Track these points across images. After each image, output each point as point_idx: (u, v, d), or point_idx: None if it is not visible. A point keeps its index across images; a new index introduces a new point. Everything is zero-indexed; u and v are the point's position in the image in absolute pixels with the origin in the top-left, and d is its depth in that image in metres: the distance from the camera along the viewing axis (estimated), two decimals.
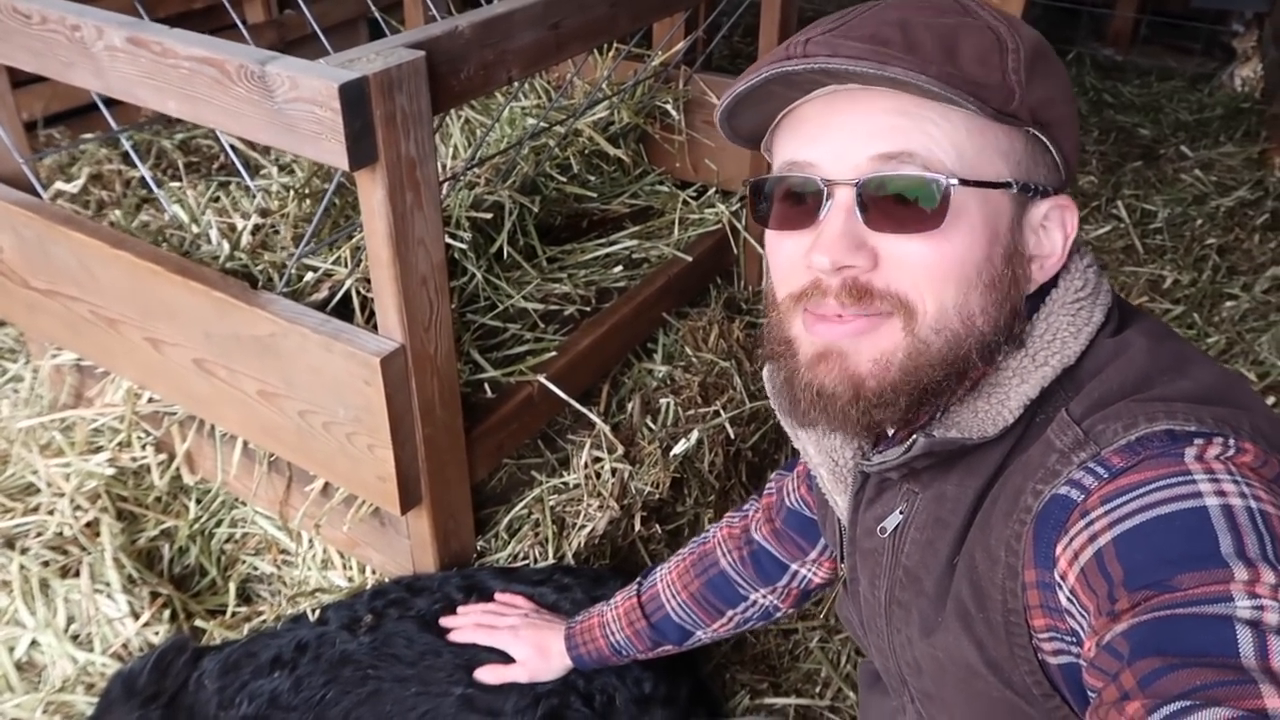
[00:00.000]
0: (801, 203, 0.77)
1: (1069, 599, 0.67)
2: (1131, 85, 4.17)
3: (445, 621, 1.37)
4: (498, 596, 1.42)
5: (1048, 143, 0.76)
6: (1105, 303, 0.79)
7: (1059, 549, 0.68)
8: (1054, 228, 0.79)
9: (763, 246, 2.19)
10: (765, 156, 0.87)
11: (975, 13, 0.76)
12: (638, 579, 1.34)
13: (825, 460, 0.91)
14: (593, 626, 1.31)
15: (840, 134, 0.75)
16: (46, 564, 1.58)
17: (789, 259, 0.79)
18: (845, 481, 0.90)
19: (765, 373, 0.95)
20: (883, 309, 0.74)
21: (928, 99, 0.72)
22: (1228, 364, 2.35)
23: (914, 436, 0.76)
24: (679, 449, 1.74)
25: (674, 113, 2.19)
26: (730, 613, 1.26)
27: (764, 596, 1.25)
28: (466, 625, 1.36)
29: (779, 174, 0.79)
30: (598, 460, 1.68)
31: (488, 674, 1.30)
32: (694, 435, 1.77)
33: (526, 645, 1.31)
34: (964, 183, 0.72)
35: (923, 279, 0.73)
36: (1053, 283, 0.80)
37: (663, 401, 1.81)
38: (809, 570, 1.22)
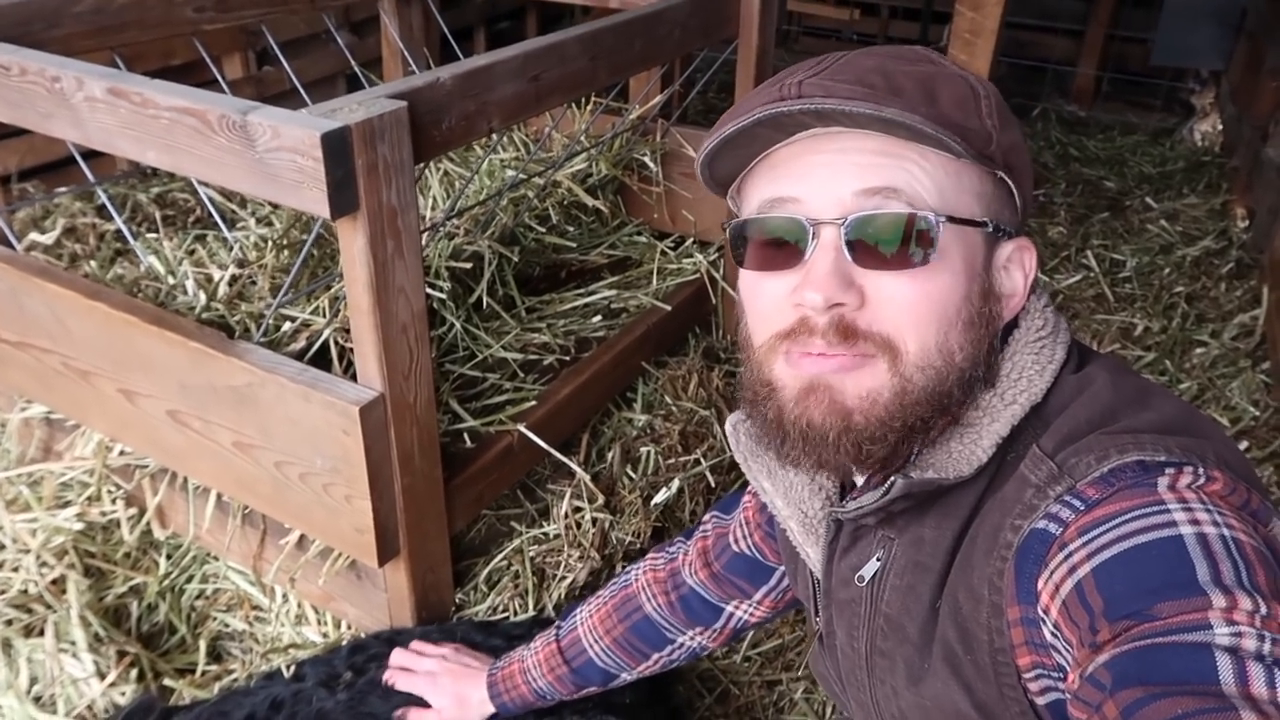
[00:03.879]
0: (785, 243, 0.77)
1: (1053, 633, 0.67)
2: (1096, 139, 4.27)
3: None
4: (413, 645, 1.39)
5: (1012, 186, 0.79)
6: (1065, 340, 0.81)
7: (1040, 583, 0.68)
8: (1015, 268, 0.81)
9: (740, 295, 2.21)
10: (731, 205, 0.87)
11: (941, 63, 0.79)
12: (556, 622, 1.32)
13: (794, 512, 0.90)
14: (513, 674, 1.29)
15: (824, 171, 0.76)
16: (10, 623, 1.53)
17: (771, 299, 0.78)
18: (817, 533, 0.89)
19: (729, 424, 0.94)
20: (867, 350, 0.74)
21: (910, 141, 0.73)
22: (1200, 409, 2.38)
23: (891, 479, 0.76)
24: (660, 498, 1.73)
25: (651, 164, 2.22)
26: (656, 655, 1.25)
27: (692, 638, 1.24)
28: (393, 668, 1.34)
29: (762, 214, 0.79)
30: (578, 510, 1.66)
31: (411, 717, 1.29)
32: (675, 484, 1.76)
33: (444, 695, 1.29)
34: (950, 220, 0.74)
35: (906, 319, 0.74)
36: (1014, 323, 0.82)
37: (643, 450, 1.80)
38: (746, 611, 1.21)
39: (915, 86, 0.74)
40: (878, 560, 0.83)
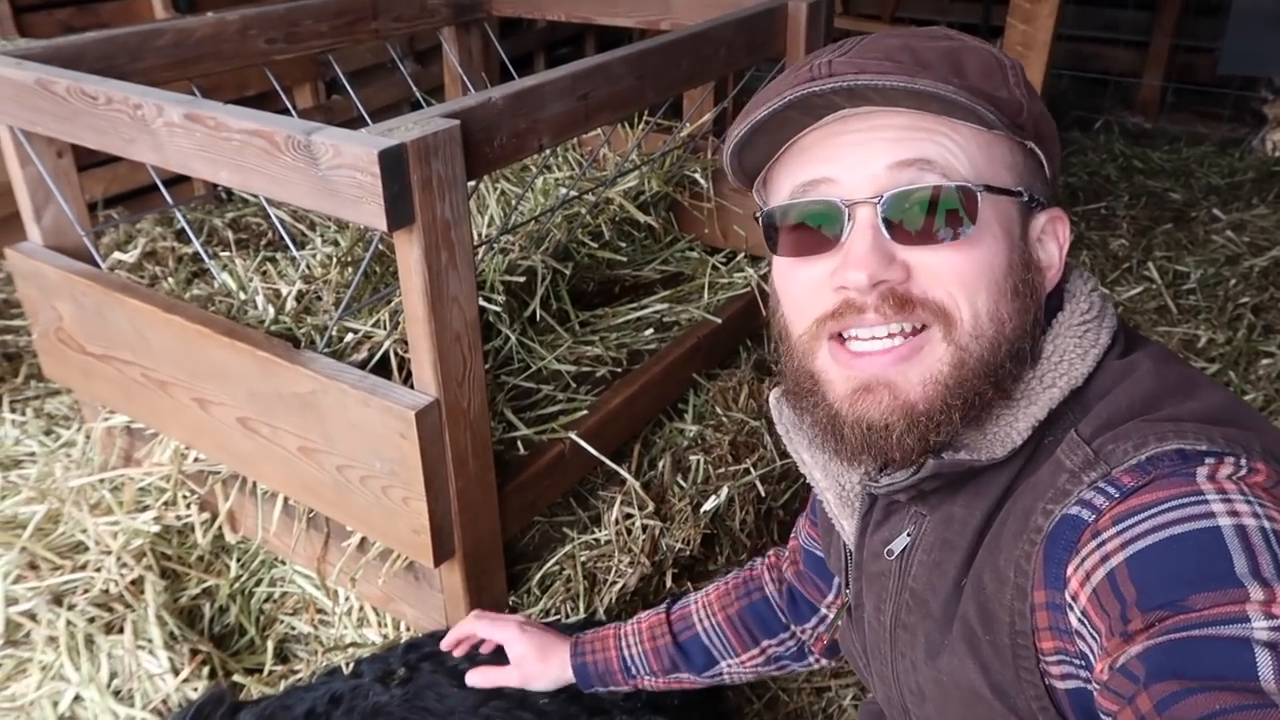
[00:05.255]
0: (820, 226, 0.77)
1: (1080, 620, 0.66)
2: (1161, 151, 4.19)
3: (446, 642, 1.36)
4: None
5: (1042, 157, 0.79)
6: (1111, 325, 0.80)
7: (1070, 570, 0.68)
8: (1049, 240, 0.81)
9: None
10: (756, 198, 0.88)
11: (963, 38, 0.79)
12: (666, 601, 1.30)
13: (832, 485, 0.91)
14: (606, 637, 1.27)
15: (856, 150, 0.76)
16: (92, 620, 1.62)
17: (809, 285, 0.78)
18: (852, 505, 0.91)
19: (773, 397, 0.95)
20: (923, 318, 0.74)
21: (941, 115, 0.74)
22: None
23: (923, 458, 0.76)
24: (709, 506, 1.76)
25: (702, 181, 2.26)
26: (765, 643, 1.22)
27: (800, 633, 1.22)
28: (466, 620, 1.33)
29: (794, 198, 0.79)
30: (629, 517, 1.69)
31: (475, 676, 1.27)
32: (724, 492, 1.78)
33: (526, 644, 1.26)
34: (987, 189, 0.74)
35: (956, 286, 0.74)
36: (1059, 306, 0.81)
37: (693, 459, 1.83)
38: (831, 613, 1.20)
39: (941, 60, 0.74)
40: (908, 535, 0.84)
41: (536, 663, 1.26)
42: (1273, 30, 4.20)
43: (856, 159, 0.75)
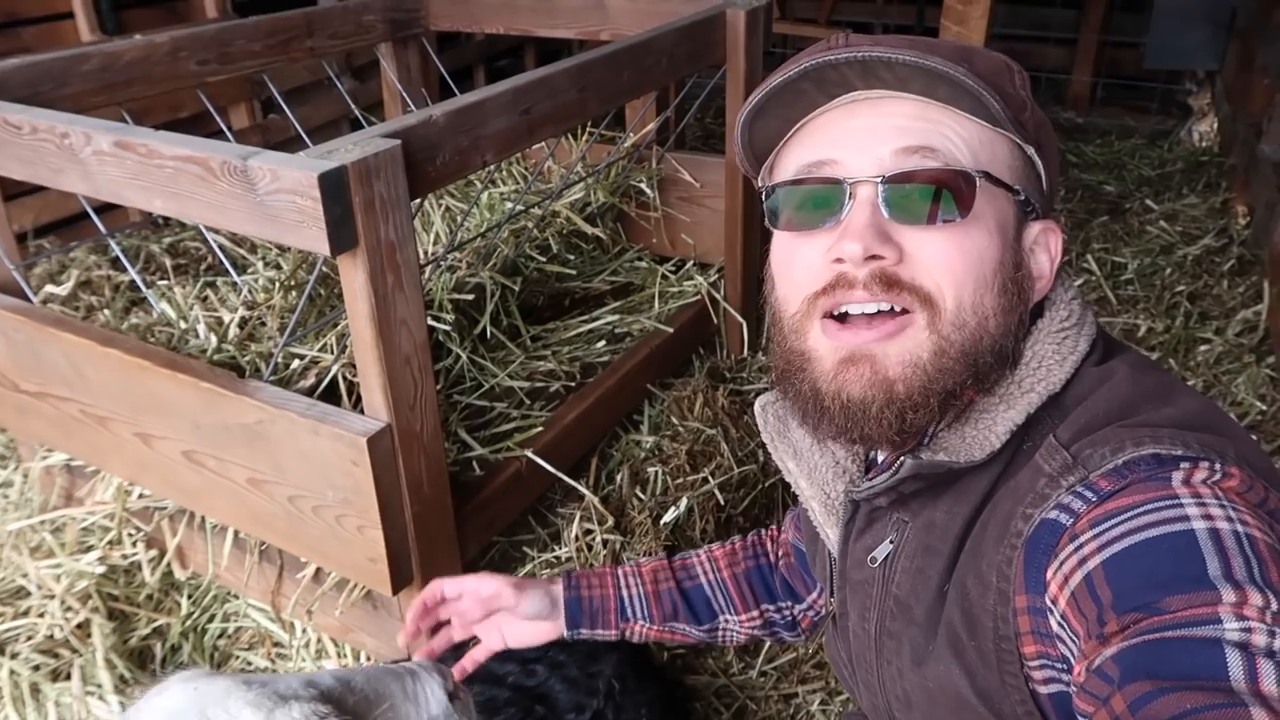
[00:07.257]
0: (821, 204, 0.77)
1: (1060, 624, 0.67)
2: (1093, 145, 4.29)
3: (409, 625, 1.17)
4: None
5: (1040, 168, 0.80)
6: (1090, 333, 0.81)
7: (1049, 573, 0.68)
8: (1041, 251, 0.81)
9: (741, 315, 2.25)
10: (761, 183, 0.88)
11: (973, 43, 0.82)
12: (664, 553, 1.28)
13: (817, 493, 0.91)
14: (603, 574, 1.21)
15: (862, 134, 0.77)
16: (37, 668, 1.56)
17: (807, 261, 0.79)
18: (836, 514, 0.90)
19: (759, 405, 0.94)
20: (908, 303, 0.75)
21: (948, 105, 0.76)
22: None
23: (901, 459, 0.77)
24: (669, 517, 1.75)
25: (649, 190, 2.26)
26: (765, 607, 1.20)
27: (792, 608, 1.21)
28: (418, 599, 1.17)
29: (799, 176, 0.80)
30: (589, 533, 1.68)
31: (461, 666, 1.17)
32: (683, 503, 1.78)
33: (499, 580, 1.14)
34: (986, 178, 0.75)
35: (944, 274, 0.75)
36: (1039, 312, 0.82)
37: (651, 471, 1.83)
38: (822, 604, 1.18)
39: (953, 51, 0.76)
40: (890, 543, 0.84)
41: (512, 593, 1.14)
42: (1195, 24, 4.33)
43: (862, 143, 0.77)
